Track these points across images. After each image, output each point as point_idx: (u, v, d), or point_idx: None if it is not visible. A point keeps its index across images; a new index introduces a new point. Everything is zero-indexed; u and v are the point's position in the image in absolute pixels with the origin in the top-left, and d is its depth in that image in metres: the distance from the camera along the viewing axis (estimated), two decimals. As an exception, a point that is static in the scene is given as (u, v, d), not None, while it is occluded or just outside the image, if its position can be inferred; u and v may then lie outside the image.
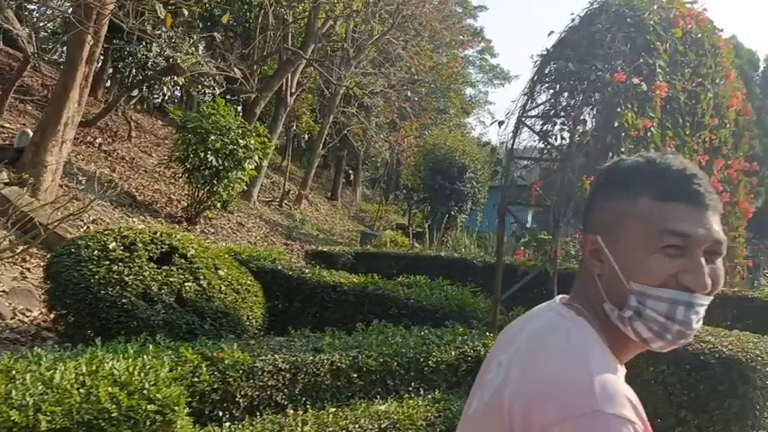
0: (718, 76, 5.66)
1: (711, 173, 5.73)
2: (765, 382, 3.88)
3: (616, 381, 0.91)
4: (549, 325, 1.03)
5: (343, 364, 3.58)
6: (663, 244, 0.94)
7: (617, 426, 0.85)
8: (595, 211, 1.04)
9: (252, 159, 11.07)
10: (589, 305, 1.02)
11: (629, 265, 0.96)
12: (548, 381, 0.92)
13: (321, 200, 24.51)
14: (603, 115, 4.69)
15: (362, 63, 21.09)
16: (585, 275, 1.05)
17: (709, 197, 0.97)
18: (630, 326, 0.97)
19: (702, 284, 0.95)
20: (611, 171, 1.05)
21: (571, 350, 0.95)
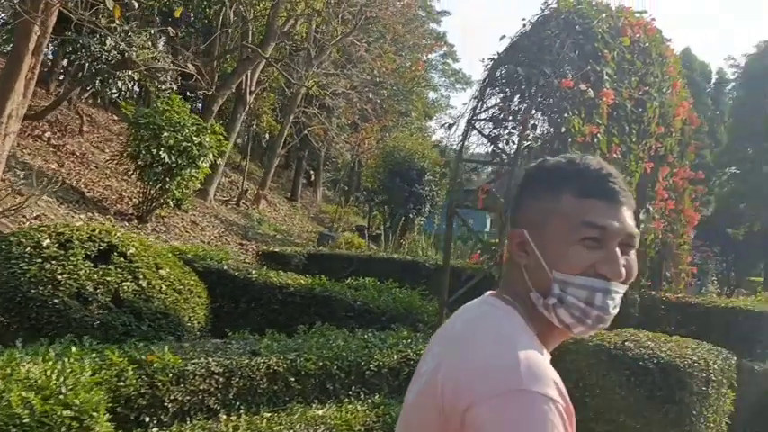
0: (665, 85, 5.76)
1: (657, 180, 5.83)
2: (702, 388, 3.95)
3: (542, 362, 0.97)
4: (479, 315, 1.09)
5: (281, 367, 3.49)
6: (582, 236, 1.02)
7: (540, 403, 0.90)
8: (522, 208, 1.11)
9: (207, 157, 10.85)
10: (517, 296, 1.08)
11: (552, 255, 1.03)
12: (477, 363, 0.97)
13: (281, 200, 24.26)
14: (551, 120, 4.71)
15: (325, 64, 20.97)
16: (513, 268, 1.11)
17: (623, 194, 1.05)
18: (554, 312, 1.04)
19: (618, 273, 1.02)
20: (536, 171, 1.13)
21: (500, 336, 1.01)
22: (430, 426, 1.00)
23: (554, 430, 0.90)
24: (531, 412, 0.91)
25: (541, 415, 0.90)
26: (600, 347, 4.11)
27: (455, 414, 0.95)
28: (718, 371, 4.09)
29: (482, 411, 0.92)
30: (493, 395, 0.92)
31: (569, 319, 1.04)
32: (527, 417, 0.91)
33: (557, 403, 0.92)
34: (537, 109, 5.02)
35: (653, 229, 5.78)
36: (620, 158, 5.23)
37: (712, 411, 4.05)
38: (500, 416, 0.91)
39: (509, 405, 0.91)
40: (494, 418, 0.91)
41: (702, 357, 4.02)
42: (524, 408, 0.91)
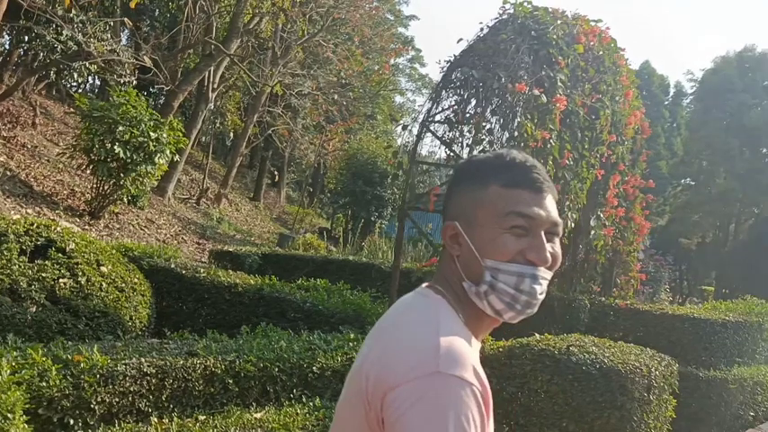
0: (618, 93, 5.84)
1: (608, 187, 5.90)
2: (644, 394, 3.97)
3: (462, 346, 0.99)
4: (409, 304, 1.13)
5: (219, 369, 3.38)
6: (510, 225, 1.06)
7: (457, 386, 0.93)
8: (453, 202, 1.15)
9: (164, 154, 10.59)
10: (449, 286, 1.11)
11: (483, 245, 1.07)
12: (398, 348, 1.01)
13: (243, 200, 23.95)
14: (505, 124, 4.72)
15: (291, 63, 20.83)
16: (446, 260, 1.14)
17: (547, 185, 1.11)
18: (486, 300, 1.07)
19: (544, 259, 1.07)
20: (466, 165, 1.18)
21: (423, 322, 1.04)
22: (356, 416, 1.02)
23: (468, 413, 0.93)
24: (447, 395, 0.93)
25: (457, 398, 0.93)
26: (545, 352, 4.11)
27: (376, 398, 0.98)
28: (659, 377, 4.12)
29: (399, 393, 0.95)
30: (410, 378, 0.94)
31: (500, 305, 1.07)
32: (443, 399, 0.93)
33: (473, 387, 0.95)
34: (491, 113, 5.03)
35: (603, 235, 5.84)
36: (572, 165, 5.27)
37: (653, 417, 4.09)
38: (416, 398, 0.93)
39: (426, 387, 0.93)
40: (410, 400, 0.93)
41: (645, 364, 4.05)
42: (440, 390, 0.93)
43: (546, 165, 4.91)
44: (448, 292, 1.11)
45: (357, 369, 1.07)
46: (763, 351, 6.77)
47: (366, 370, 1.02)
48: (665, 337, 6.32)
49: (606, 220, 5.93)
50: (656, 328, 6.36)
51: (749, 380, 6.03)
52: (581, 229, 5.95)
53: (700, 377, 5.90)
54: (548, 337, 4.47)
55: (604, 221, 5.90)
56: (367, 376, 1.01)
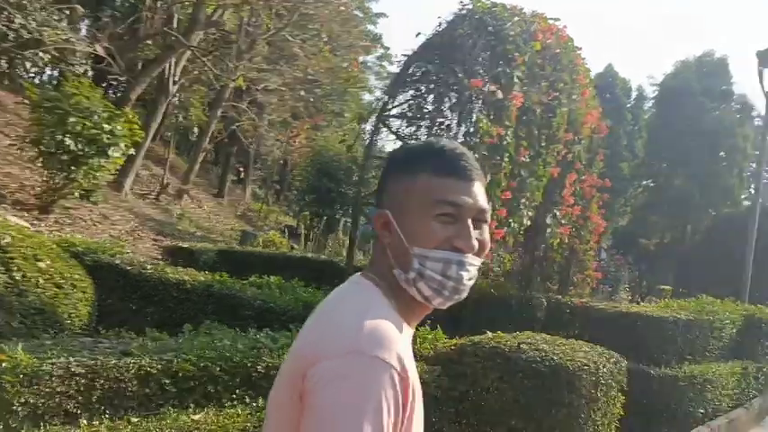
0: (575, 92, 5.84)
1: (564, 186, 5.90)
2: (591, 391, 3.96)
3: (389, 330, 1.01)
4: (341, 291, 1.15)
5: (154, 369, 3.23)
6: (437, 212, 1.07)
7: (377, 366, 0.94)
8: (385, 191, 1.16)
9: (118, 147, 10.29)
10: (382, 274, 1.13)
11: (411, 232, 1.08)
12: (325, 328, 1.04)
13: (206, 196, 23.53)
14: (461, 119, 4.66)
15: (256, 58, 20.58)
16: (378, 248, 1.16)
17: (475, 172, 1.12)
18: (415, 286, 1.08)
19: (471, 246, 1.08)
20: (398, 154, 1.19)
21: (354, 305, 1.06)
22: (288, 398, 1.03)
23: (384, 394, 0.94)
24: (365, 374, 0.94)
25: (374, 378, 0.94)
26: (495, 350, 4.07)
27: (299, 374, 0.99)
28: (607, 374, 4.12)
29: (319, 369, 0.96)
30: (331, 355, 0.96)
31: (428, 291, 1.08)
32: (360, 377, 0.94)
33: (394, 371, 0.96)
34: (450, 109, 4.97)
35: (559, 234, 5.84)
36: (529, 162, 5.25)
37: (601, 414, 4.08)
38: (334, 374, 0.95)
39: (345, 365, 0.95)
40: (328, 377, 0.95)
41: (593, 361, 4.04)
42: (359, 369, 0.94)
43: (502, 161, 4.88)
44: (381, 280, 1.12)
45: (291, 354, 1.09)
46: (714, 349, 6.87)
47: (298, 349, 1.05)
48: (619, 334, 6.34)
49: (562, 218, 5.93)
50: (611, 325, 6.39)
51: (699, 377, 6.11)
52: (538, 227, 5.95)
53: (651, 375, 5.96)
54: (500, 335, 4.43)
55: (560, 220, 5.90)
56: (296, 357, 1.04)
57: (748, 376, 7.27)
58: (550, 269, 6.84)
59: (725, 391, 6.62)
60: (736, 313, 7.38)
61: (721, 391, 6.53)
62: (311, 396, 0.96)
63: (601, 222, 6.84)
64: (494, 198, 4.87)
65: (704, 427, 6.05)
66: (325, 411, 0.94)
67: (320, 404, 0.95)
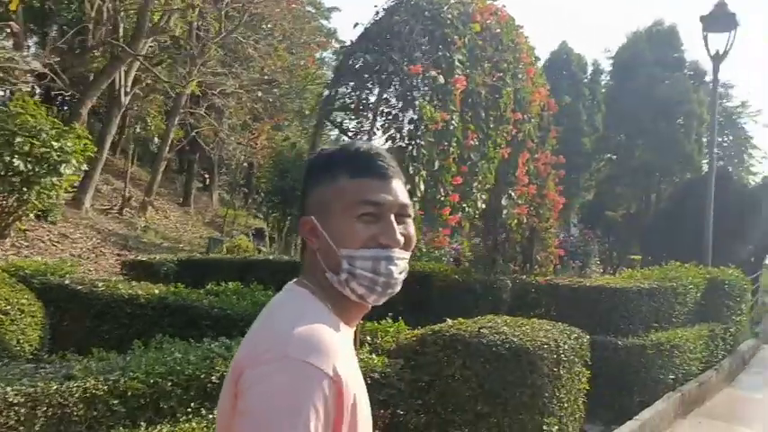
0: (520, 71, 5.81)
1: (517, 166, 5.88)
2: (553, 370, 3.95)
3: (324, 335, 1.01)
4: (277, 300, 1.16)
5: (100, 390, 3.12)
6: (360, 213, 1.10)
7: (305, 372, 0.95)
8: (307, 197, 1.17)
9: (70, 164, 10.01)
10: (315, 279, 1.14)
11: (337, 235, 1.10)
12: (258, 337, 1.05)
13: (172, 206, 23.16)
14: (403, 108, 4.60)
15: (210, 62, 20.27)
16: (308, 253, 1.17)
17: (392, 170, 1.14)
18: (348, 287, 1.10)
19: (396, 241, 1.11)
20: (316, 160, 1.21)
21: (288, 312, 1.08)
22: (228, 408, 1.03)
23: (312, 400, 0.94)
24: (295, 379, 0.95)
25: (304, 383, 0.95)
26: (456, 337, 4.03)
27: (234, 384, 1.01)
28: (569, 351, 4.11)
29: (248, 374, 0.98)
30: (260, 360, 0.97)
31: (361, 289, 1.10)
32: (289, 383, 0.94)
33: (325, 376, 0.96)
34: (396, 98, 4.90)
35: (516, 214, 5.82)
36: (478, 145, 5.21)
37: (566, 392, 4.08)
38: (260, 379, 0.96)
39: (271, 370, 0.96)
40: (258, 382, 0.96)
41: (553, 339, 4.02)
42: (288, 374, 0.95)
43: (449, 147, 4.84)
44: (314, 285, 1.13)
45: (232, 362, 1.10)
46: (680, 314, 6.95)
47: (234, 359, 1.06)
48: (585, 308, 6.39)
49: (518, 198, 5.92)
50: (576, 300, 6.43)
51: (666, 344, 6.16)
52: (495, 209, 5.93)
53: (619, 345, 6.00)
54: (461, 321, 4.40)
55: (517, 200, 5.89)
56: (233, 365, 1.06)
57: (716, 338, 7.38)
58: (513, 250, 6.84)
59: (693, 355, 6.70)
60: (699, 277, 7.47)
61: (690, 356, 6.61)
62: (240, 401, 0.98)
63: (559, 199, 6.85)
64: (445, 184, 4.83)
65: (675, 393, 6.11)
66: (252, 416, 0.95)
67: (248, 409, 0.96)
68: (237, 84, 20.78)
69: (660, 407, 5.61)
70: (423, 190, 4.53)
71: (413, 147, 4.52)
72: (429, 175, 4.73)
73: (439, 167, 4.75)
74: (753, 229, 14.73)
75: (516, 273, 6.85)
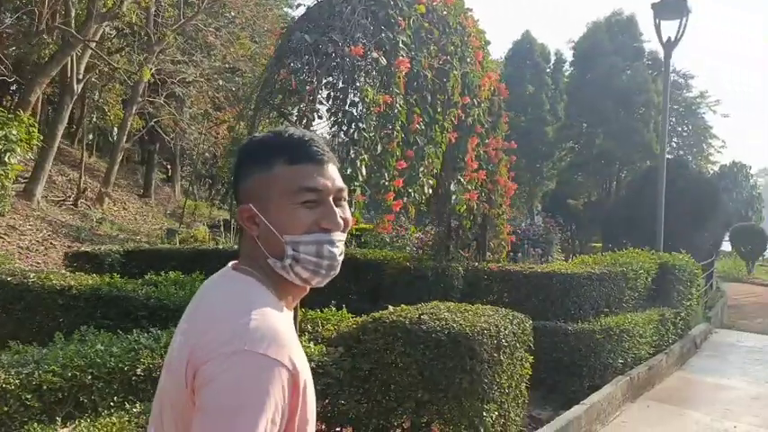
0: (468, 55, 5.72)
1: (466, 151, 5.81)
2: (493, 355, 3.89)
3: (277, 324, 1.03)
4: (219, 286, 1.17)
5: (12, 384, 2.96)
6: (302, 200, 1.12)
7: (265, 364, 0.96)
8: (243, 184, 1.17)
9: (14, 153, 9.64)
10: (256, 264, 1.15)
11: (280, 222, 1.12)
12: (211, 326, 1.03)
13: (131, 198, 22.67)
14: (344, 91, 4.47)
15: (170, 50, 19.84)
16: (247, 240, 1.18)
17: (327, 155, 1.17)
18: (293, 272, 1.13)
19: (337, 224, 1.14)
20: (248, 147, 1.20)
21: (236, 300, 1.07)
22: (179, 399, 1.03)
23: (272, 390, 0.96)
24: (253, 372, 0.96)
25: (263, 376, 0.96)
26: (396, 324, 3.94)
27: (190, 374, 1.00)
28: (510, 336, 4.06)
29: (207, 368, 0.97)
30: (218, 354, 0.97)
31: (306, 273, 1.13)
32: (248, 376, 0.96)
33: (283, 368, 0.98)
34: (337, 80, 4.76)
35: (465, 200, 5.75)
36: (424, 129, 5.12)
37: (507, 377, 4.03)
38: (219, 372, 0.96)
39: (230, 363, 0.96)
40: (213, 375, 0.96)
41: (494, 324, 3.96)
42: (247, 368, 0.96)
43: (393, 130, 4.73)
44: (256, 270, 1.14)
45: (178, 354, 1.07)
46: (630, 299, 6.99)
47: (187, 353, 1.03)
48: (537, 294, 6.39)
49: (468, 184, 5.84)
50: (528, 286, 6.41)
51: (615, 329, 6.19)
52: (445, 195, 5.85)
53: (569, 331, 5.99)
54: (404, 308, 4.31)
55: (466, 186, 5.82)
56: (187, 361, 1.02)
57: (666, 322, 7.45)
58: (466, 237, 6.78)
59: (643, 339, 6.75)
60: (650, 262, 7.53)
61: (639, 340, 6.66)
62: (200, 397, 0.98)
63: (511, 185, 6.81)
64: (389, 169, 4.72)
65: (624, 377, 6.14)
66: (213, 411, 0.95)
67: (208, 404, 0.96)
68: (198, 72, 20.38)
69: (608, 391, 5.62)
70: (364, 174, 4.42)
71: (354, 130, 4.40)
72: (372, 160, 4.62)
73: (382, 151, 4.64)
74: (709, 216, 15.02)
75: (468, 259, 6.80)
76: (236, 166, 1.20)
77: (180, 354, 1.05)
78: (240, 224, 1.17)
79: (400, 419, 4.13)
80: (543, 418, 5.37)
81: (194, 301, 1.18)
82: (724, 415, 5.90)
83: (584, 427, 5.09)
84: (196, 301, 1.17)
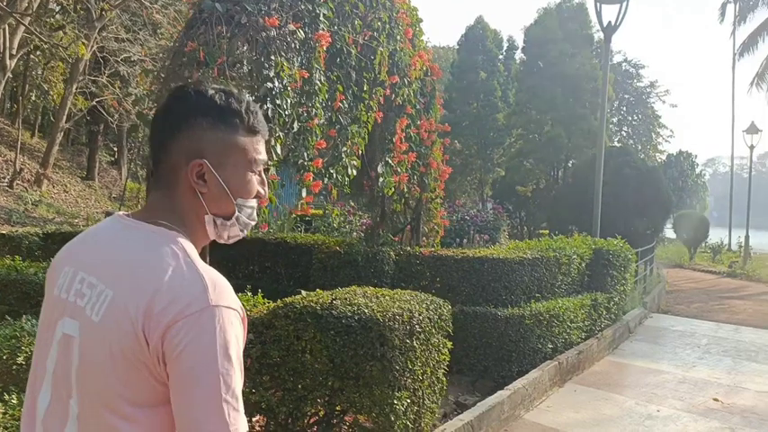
0: (398, 32, 5.55)
1: (394, 132, 5.65)
2: (406, 342, 3.77)
3: (221, 277, 1.11)
4: (149, 241, 1.13)
5: None
6: (255, 168, 1.22)
7: (229, 315, 1.06)
8: (188, 137, 1.15)
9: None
10: (178, 219, 1.17)
11: (235, 185, 1.19)
12: (160, 287, 1.05)
13: (73, 180, 21.88)
14: (258, 63, 4.24)
15: (114, 27, 19.11)
16: (180, 196, 1.17)
17: (266, 129, 1.26)
18: (228, 230, 1.23)
19: (266, 193, 1.27)
20: (203, 101, 1.16)
21: (178, 259, 1.10)
22: (127, 353, 1.03)
23: (239, 335, 1.07)
24: (223, 323, 1.03)
25: (231, 324, 1.05)
26: (307, 309, 3.77)
27: (155, 337, 1.02)
28: (425, 322, 3.94)
29: (179, 329, 1.01)
30: (188, 313, 1.02)
31: (237, 232, 1.23)
32: (220, 327, 1.03)
33: (238, 314, 1.09)
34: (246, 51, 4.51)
35: (393, 182, 5.60)
36: (347, 108, 4.93)
37: (420, 364, 3.91)
38: (195, 331, 1.01)
39: (202, 320, 1.02)
40: (190, 334, 1.01)
41: (407, 310, 3.83)
42: (217, 320, 1.03)
43: (313, 107, 4.53)
44: (177, 225, 1.16)
45: (107, 311, 1.06)
46: (563, 284, 6.99)
47: (133, 309, 1.03)
48: (469, 279, 6.31)
49: (398, 166, 5.69)
50: (459, 272, 6.33)
51: (545, 314, 6.16)
52: (373, 177, 5.68)
53: (498, 316, 5.94)
54: (319, 292, 4.15)
55: (396, 168, 5.66)
56: (134, 318, 1.03)
57: (599, 307, 7.49)
58: (398, 221, 6.65)
59: (574, 324, 6.76)
60: (584, 248, 7.55)
61: (570, 325, 6.66)
62: (179, 357, 1.01)
63: (445, 169, 6.69)
64: (308, 148, 4.53)
65: (552, 361, 6.13)
66: (199, 369, 1.00)
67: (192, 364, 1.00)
68: (144, 51, 19.69)
69: (534, 376, 5.59)
70: (279, 153, 4.22)
71: (269, 107, 4.18)
72: (290, 138, 4.42)
73: (301, 130, 4.44)
74: (651, 203, 15.28)
75: (400, 244, 6.67)
76: (179, 112, 1.16)
77: (116, 308, 1.05)
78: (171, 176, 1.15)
79: (313, 408, 3.99)
80: (469, 404, 5.31)
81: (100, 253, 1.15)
82: (649, 399, 5.95)
83: (507, 412, 5.04)
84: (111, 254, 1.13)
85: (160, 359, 1.02)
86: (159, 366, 1.02)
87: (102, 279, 1.10)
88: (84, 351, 1.09)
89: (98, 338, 1.07)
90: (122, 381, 1.04)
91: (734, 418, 5.51)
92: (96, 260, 1.14)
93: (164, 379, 1.03)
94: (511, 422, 5.09)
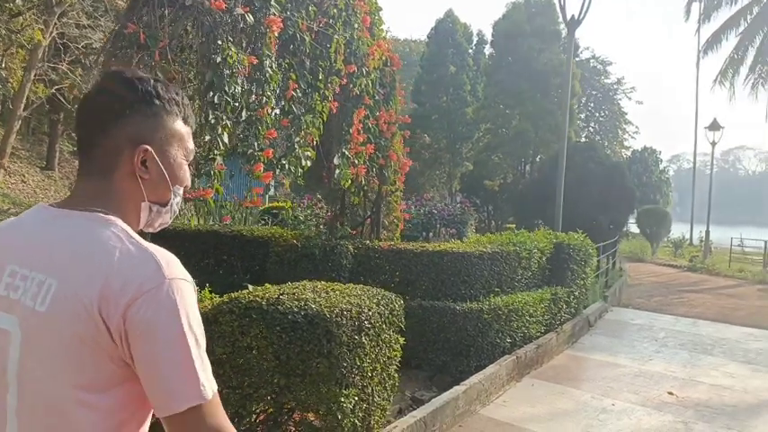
0: (356, 20, 5.41)
1: (351, 122, 5.52)
2: (354, 338, 3.66)
3: (167, 252, 1.12)
4: (87, 228, 1.11)
5: None
6: (189, 158, 1.26)
7: (184, 285, 1.08)
8: (140, 124, 1.17)
9: None
10: (116, 205, 1.16)
11: (174, 173, 1.22)
12: (113, 271, 1.05)
13: (32, 170, 21.28)
14: (203, 48, 4.06)
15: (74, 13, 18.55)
16: (119, 181, 1.17)
17: (194, 123, 1.30)
18: (160, 218, 1.25)
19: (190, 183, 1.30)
20: (146, 87, 1.17)
21: (125, 242, 1.10)
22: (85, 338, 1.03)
23: (196, 304, 1.09)
24: (182, 293, 1.07)
25: (187, 295, 1.08)
26: (252, 305, 3.64)
27: (115, 318, 1.03)
28: (375, 317, 3.84)
29: (140, 306, 1.03)
30: (146, 290, 1.03)
31: (167, 219, 1.27)
32: (180, 297, 1.06)
33: (191, 284, 1.11)
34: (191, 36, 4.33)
35: (349, 174, 5.47)
36: (301, 97, 4.78)
37: (370, 360, 3.81)
38: (156, 305, 1.03)
39: (161, 295, 1.04)
40: (151, 309, 1.03)
41: (356, 305, 3.72)
42: (176, 291, 1.06)
43: (264, 95, 4.37)
44: (114, 212, 1.15)
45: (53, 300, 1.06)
46: (522, 278, 6.97)
47: (86, 297, 1.03)
48: (428, 273, 6.23)
49: (355, 158, 5.57)
50: (419, 266, 6.24)
51: (504, 308, 6.13)
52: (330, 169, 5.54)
53: (457, 310, 5.88)
54: (267, 287, 4.02)
55: (353, 159, 5.54)
56: (88, 304, 1.03)
57: (559, 301, 7.49)
58: (357, 214, 6.53)
59: (533, 318, 6.74)
60: (545, 242, 7.54)
61: (529, 319, 6.64)
62: (144, 333, 1.02)
63: (405, 161, 6.59)
64: (258, 137, 4.37)
65: (510, 356, 6.10)
66: (167, 339, 1.02)
67: (159, 335, 1.02)
68: (105, 38, 19.15)
69: (490, 371, 5.55)
70: (226, 142, 4.06)
71: (214, 94, 4.02)
72: (238, 127, 4.26)
73: (250, 117, 4.28)
74: (615, 198, 15.44)
75: (359, 237, 6.56)
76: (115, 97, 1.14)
77: (65, 297, 1.04)
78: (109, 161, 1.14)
79: (260, 406, 3.86)
80: (426, 400, 5.24)
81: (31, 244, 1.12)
82: (605, 392, 5.95)
83: (462, 408, 4.97)
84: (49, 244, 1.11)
85: (123, 339, 1.03)
86: (122, 347, 1.03)
87: (39, 269, 1.09)
88: (28, 342, 1.07)
89: (45, 328, 1.06)
90: (76, 367, 1.04)
91: (687, 411, 5.54)
92: (27, 252, 1.12)
93: (124, 360, 1.05)
94: (466, 418, 5.03)
